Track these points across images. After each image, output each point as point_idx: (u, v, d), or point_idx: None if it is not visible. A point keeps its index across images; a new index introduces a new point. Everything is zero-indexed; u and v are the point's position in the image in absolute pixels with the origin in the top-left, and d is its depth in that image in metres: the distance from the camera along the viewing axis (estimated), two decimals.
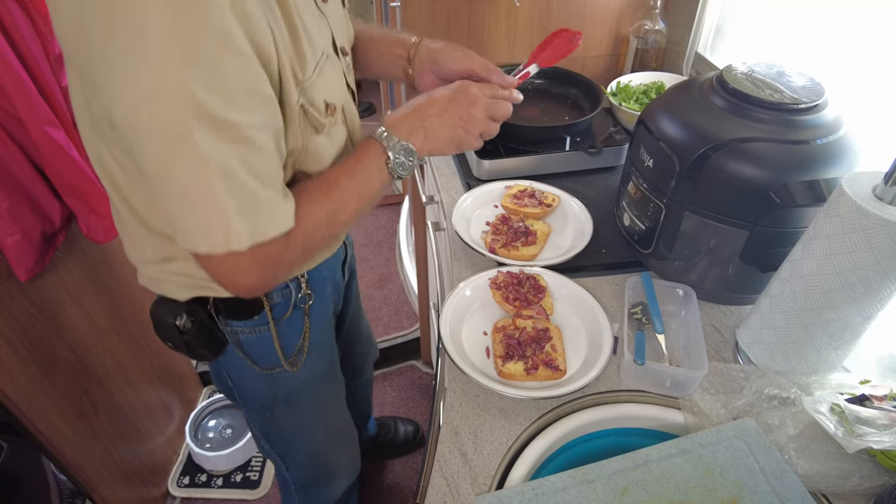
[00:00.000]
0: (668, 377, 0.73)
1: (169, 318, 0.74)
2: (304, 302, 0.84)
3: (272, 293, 0.80)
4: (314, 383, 0.96)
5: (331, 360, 1.00)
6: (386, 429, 1.72)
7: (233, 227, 0.54)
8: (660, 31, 1.30)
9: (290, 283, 0.80)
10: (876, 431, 0.60)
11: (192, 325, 0.75)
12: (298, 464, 1.08)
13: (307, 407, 0.98)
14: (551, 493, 0.61)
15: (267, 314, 0.80)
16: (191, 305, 0.75)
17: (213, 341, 0.79)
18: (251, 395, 0.92)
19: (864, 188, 0.60)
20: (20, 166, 0.97)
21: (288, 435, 1.01)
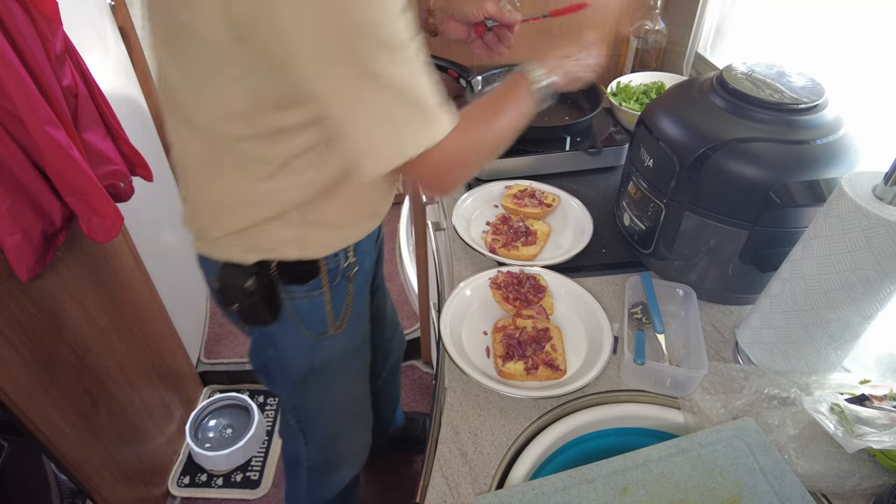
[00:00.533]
0: (668, 377, 0.73)
1: (239, 281, 0.79)
2: (349, 270, 0.89)
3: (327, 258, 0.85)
4: (347, 354, 1.00)
5: (364, 334, 1.04)
6: (414, 423, 1.74)
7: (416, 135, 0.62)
8: (660, 31, 1.30)
9: (339, 252, 0.85)
10: (876, 431, 0.60)
11: (257, 288, 0.80)
12: (316, 442, 1.12)
13: (338, 378, 1.02)
14: (551, 493, 0.61)
15: (322, 278, 0.85)
16: (257, 268, 0.80)
17: (273, 305, 0.85)
18: (293, 363, 0.96)
19: (864, 188, 0.60)
20: (21, 166, 0.97)
21: (314, 409, 1.06)
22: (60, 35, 1.02)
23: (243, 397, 1.82)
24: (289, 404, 1.06)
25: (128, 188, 1.23)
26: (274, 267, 0.81)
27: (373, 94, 0.59)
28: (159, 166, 1.75)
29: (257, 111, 0.66)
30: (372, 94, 0.59)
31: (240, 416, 1.81)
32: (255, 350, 1.00)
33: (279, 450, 1.80)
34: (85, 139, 1.10)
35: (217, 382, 1.98)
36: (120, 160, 1.20)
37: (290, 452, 1.19)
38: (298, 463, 1.17)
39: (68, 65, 1.05)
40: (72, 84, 1.05)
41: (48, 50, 0.98)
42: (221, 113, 0.67)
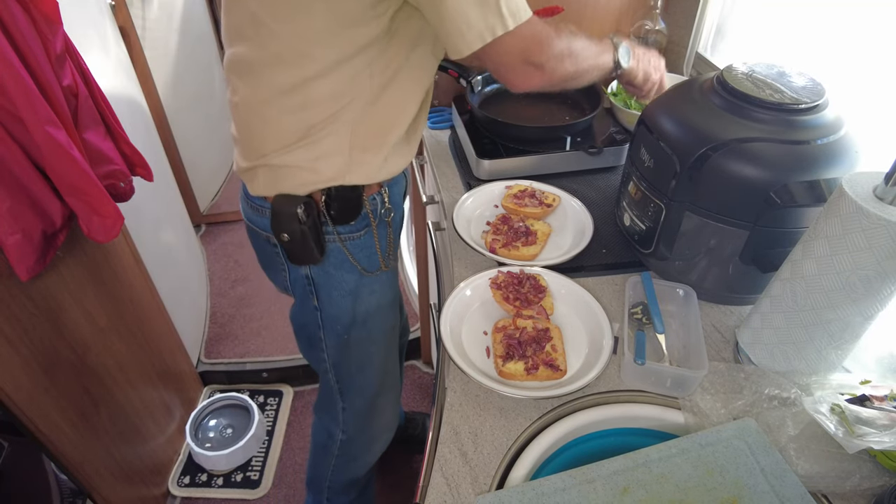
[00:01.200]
0: (669, 377, 0.73)
1: (291, 208, 0.83)
2: (387, 215, 0.96)
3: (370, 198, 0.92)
4: (385, 308, 1.05)
5: (395, 290, 1.09)
6: (414, 423, 1.75)
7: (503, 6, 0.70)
8: (660, 32, 1.30)
9: (376, 196, 0.92)
10: (876, 432, 0.60)
11: (307, 218, 0.85)
12: (355, 408, 1.15)
13: (377, 333, 1.07)
14: (551, 493, 0.61)
15: (368, 214, 0.92)
16: (308, 199, 0.85)
17: (320, 242, 0.90)
18: (335, 313, 1.00)
19: (865, 188, 0.60)
20: (21, 166, 0.98)
21: (355, 366, 1.09)
22: (61, 35, 1.02)
23: (243, 397, 1.82)
24: (330, 361, 1.08)
25: (128, 188, 1.23)
26: (323, 201, 0.87)
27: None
28: (159, 166, 1.75)
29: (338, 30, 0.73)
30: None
31: (240, 416, 1.81)
32: (298, 307, 1.03)
33: (279, 450, 1.80)
34: (85, 139, 1.10)
35: (217, 382, 1.98)
36: (120, 160, 1.20)
37: (324, 426, 1.22)
38: (331, 437, 1.20)
39: (68, 64, 1.05)
40: (72, 84, 1.05)
41: (48, 50, 0.98)
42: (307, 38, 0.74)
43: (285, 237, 0.86)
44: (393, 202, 0.96)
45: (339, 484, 1.27)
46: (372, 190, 0.91)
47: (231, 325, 2.14)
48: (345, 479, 1.27)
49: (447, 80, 1.27)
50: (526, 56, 0.76)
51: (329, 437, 1.20)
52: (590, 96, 1.24)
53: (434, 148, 1.28)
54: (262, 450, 1.79)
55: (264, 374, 1.98)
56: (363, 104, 0.80)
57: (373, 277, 0.98)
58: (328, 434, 1.20)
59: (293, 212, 0.83)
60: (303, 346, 1.12)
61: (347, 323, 1.01)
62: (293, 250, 0.89)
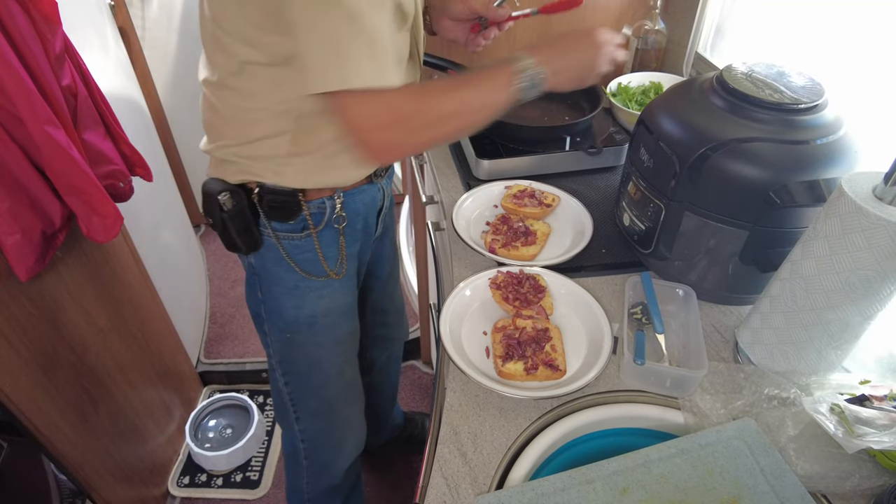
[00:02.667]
0: (668, 377, 0.73)
1: (215, 190, 0.83)
2: (338, 222, 0.91)
3: (309, 203, 0.87)
4: (336, 314, 1.01)
5: (352, 298, 1.04)
6: (414, 423, 1.74)
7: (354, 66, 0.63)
8: (660, 32, 1.30)
9: (326, 199, 0.88)
10: (876, 431, 0.60)
11: (232, 206, 0.83)
12: (309, 410, 1.10)
13: (327, 338, 1.02)
14: (551, 493, 0.61)
15: (306, 217, 0.87)
16: (236, 189, 0.84)
17: (248, 234, 0.87)
18: (276, 309, 0.97)
19: (864, 188, 0.60)
20: (20, 166, 0.97)
21: (304, 369, 1.05)
22: (60, 35, 1.02)
23: (243, 397, 1.82)
24: (276, 358, 1.05)
25: (127, 188, 1.23)
26: (255, 193, 0.84)
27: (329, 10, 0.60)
28: (159, 166, 1.75)
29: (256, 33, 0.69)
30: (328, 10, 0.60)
31: (240, 416, 1.81)
32: (248, 293, 1.01)
33: (279, 450, 1.80)
34: (84, 139, 1.10)
35: (217, 382, 1.98)
36: (119, 160, 1.20)
37: (287, 437, 1.17)
38: (296, 448, 1.15)
39: (68, 65, 1.05)
40: (71, 84, 1.05)
41: (48, 50, 0.98)
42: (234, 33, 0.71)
43: (209, 221, 0.86)
44: (351, 210, 0.92)
45: (319, 492, 1.23)
46: (319, 194, 0.87)
47: (231, 325, 2.14)
48: (323, 488, 1.22)
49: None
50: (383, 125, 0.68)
51: (293, 448, 1.16)
52: (589, 96, 1.24)
53: (433, 148, 1.28)
54: (262, 450, 1.79)
55: (264, 374, 1.98)
56: (301, 110, 0.77)
57: (319, 281, 0.95)
58: (292, 444, 1.16)
59: (215, 197, 0.83)
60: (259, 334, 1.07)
61: (290, 321, 0.98)
62: (220, 236, 0.88)
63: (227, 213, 0.84)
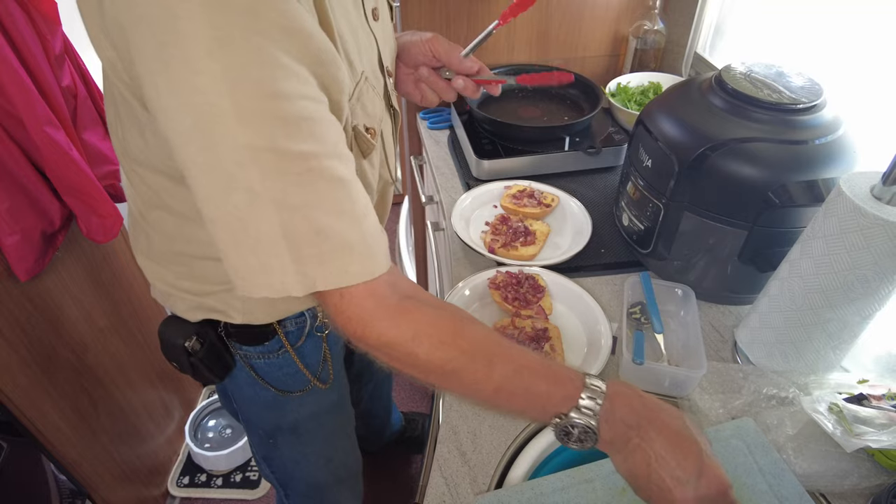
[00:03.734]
0: (667, 377, 0.73)
1: (178, 339, 0.71)
2: (321, 330, 0.81)
3: (285, 320, 0.76)
4: (321, 413, 0.93)
5: (340, 393, 0.96)
6: (413, 424, 1.73)
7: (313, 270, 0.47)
8: (659, 32, 1.30)
9: (306, 311, 0.78)
10: (874, 431, 0.61)
11: (200, 347, 0.72)
12: (299, 492, 1.05)
13: (312, 437, 0.95)
14: (550, 493, 0.61)
15: (281, 339, 0.77)
16: (201, 327, 0.73)
17: (221, 364, 0.77)
18: (255, 421, 0.90)
19: (863, 188, 0.60)
20: (20, 166, 0.98)
21: (290, 464, 0.98)
22: (60, 35, 1.02)
23: None
24: (260, 456, 0.98)
25: None
26: (221, 327, 0.74)
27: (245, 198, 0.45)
28: None
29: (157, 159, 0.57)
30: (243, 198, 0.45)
31: None
32: (221, 396, 0.94)
33: None
34: (84, 139, 1.10)
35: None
36: None
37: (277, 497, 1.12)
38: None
39: (67, 65, 1.05)
40: (71, 84, 1.05)
41: (47, 50, 0.98)
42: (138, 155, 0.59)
43: (174, 365, 0.76)
44: None
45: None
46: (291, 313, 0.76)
47: None
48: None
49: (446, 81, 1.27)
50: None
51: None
52: (589, 96, 1.24)
53: (433, 148, 1.28)
54: None
55: None
56: None
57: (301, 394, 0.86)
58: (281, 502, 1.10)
59: (180, 345, 0.71)
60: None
61: (271, 430, 0.91)
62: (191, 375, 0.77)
63: (197, 355, 0.73)
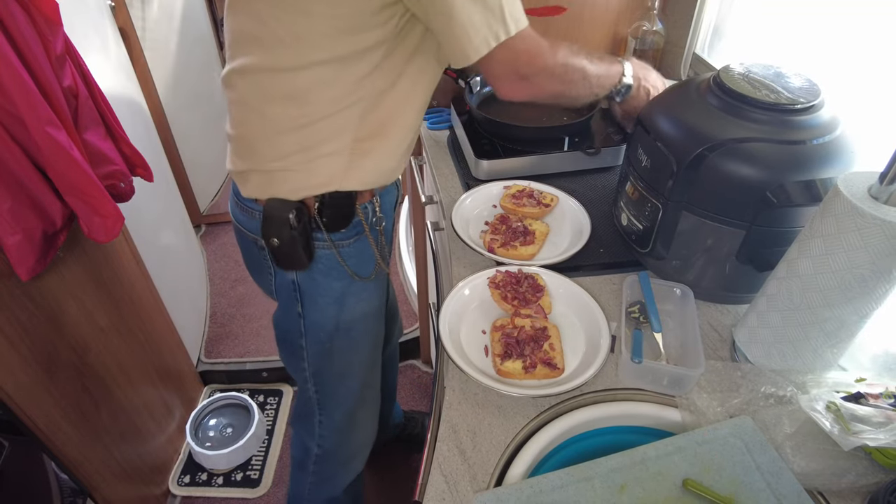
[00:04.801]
0: (666, 375, 0.74)
1: (283, 213, 0.83)
2: (378, 224, 0.97)
3: (363, 206, 0.91)
4: (370, 317, 1.05)
5: (381, 299, 1.07)
6: (413, 422, 1.75)
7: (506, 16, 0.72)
8: (658, 32, 1.30)
9: (368, 203, 0.92)
10: (871, 429, 0.61)
11: (298, 223, 0.84)
12: (333, 421, 1.13)
13: (361, 342, 1.06)
14: (549, 491, 0.61)
15: (361, 221, 0.92)
16: (300, 206, 0.85)
17: (309, 248, 0.89)
18: (319, 321, 0.99)
19: (860, 188, 0.61)
20: (21, 166, 0.98)
21: (336, 379, 1.08)
22: (61, 36, 1.02)
23: (243, 397, 1.83)
24: (311, 370, 1.06)
25: (128, 188, 1.24)
26: (315, 208, 0.86)
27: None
28: (159, 167, 1.76)
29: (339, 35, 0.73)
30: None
31: (240, 416, 1.82)
32: (281, 313, 1.02)
33: (279, 449, 1.80)
34: (85, 139, 1.10)
35: (217, 382, 1.99)
36: (120, 160, 1.20)
37: (301, 440, 1.19)
38: (307, 453, 1.18)
39: (69, 65, 1.06)
40: (72, 84, 1.06)
41: (49, 50, 0.99)
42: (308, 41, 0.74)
43: (275, 242, 0.85)
44: (384, 211, 0.96)
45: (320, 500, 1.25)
46: (364, 198, 0.91)
47: (231, 325, 2.15)
48: (324, 498, 1.24)
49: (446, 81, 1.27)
50: (516, 67, 0.78)
51: (305, 453, 1.19)
52: None
53: (433, 148, 1.28)
54: (262, 449, 1.80)
55: (264, 374, 1.98)
56: (363, 110, 0.80)
57: (361, 284, 0.98)
58: (304, 449, 1.18)
59: (285, 217, 0.83)
60: (284, 353, 1.09)
61: (331, 330, 1.00)
62: (282, 255, 0.88)
63: (296, 230, 0.84)
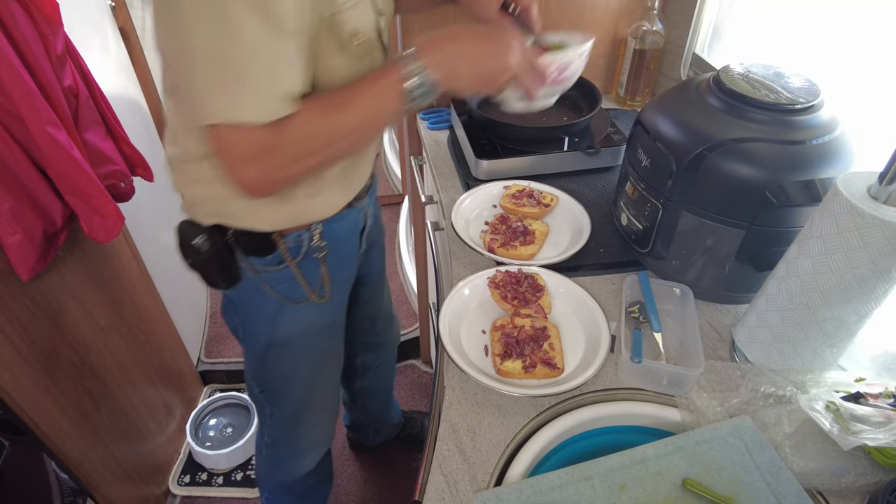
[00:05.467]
0: (665, 375, 0.74)
1: (189, 237, 0.81)
2: (316, 252, 0.90)
3: (286, 237, 0.85)
4: (311, 334, 1.01)
5: (333, 319, 1.05)
6: (413, 423, 1.75)
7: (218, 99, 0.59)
8: (657, 33, 1.30)
9: (303, 231, 0.86)
10: (871, 429, 0.61)
11: (208, 248, 0.82)
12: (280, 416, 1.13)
13: (301, 354, 1.03)
14: (549, 490, 0.62)
15: (282, 253, 0.86)
16: (211, 231, 0.82)
17: (227, 271, 0.86)
18: (254, 333, 0.98)
19: (859, 188, 0.61)
20: (22, 166, 0.98)
21: (279, 380, 1.06)
22: (61, 36, 1.02)
23: (243, 396, 1.83)
24: (250, 373, 1.08)
25: (128, 188, 1.24)
26: (230, 234, 0.83)
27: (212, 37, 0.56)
28: (159, 166, 1.75)
29: None
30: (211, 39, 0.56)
31: (240, 415, 1.82)
32: (224, 314, 1.02)
33: None
34: (86, 139, 1.10)
35: (217, 382, 1.99)
36: (120, 160, 1.21)
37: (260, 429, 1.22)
38: (262, 438, 1.20)
39: (69, 65, 1.06)
40: (72, 84, 1.06)
41: (49, 50, 0.99)
42: None
43: (189, 262, 0.85)
44: (332, 237, 0.90)
45: (274, 485, 1.29)
46: (295, 228, 0.86)
47: None
48: (278, 482, 1.27)
49: None
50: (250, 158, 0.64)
51: (260, 437, 1.22)
52: (588, 97, 1.25)
53: (433, 148, 1.29)
54: None
55: None
56: None
57: (300, 306, 0.95)
58: (260, 433, 1.21)
59: (191, 242, 0.81)
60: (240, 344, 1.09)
61: (265, 344, 0.99)
62: (199, 275, 0.87)
63: (203, 255, 0.82)
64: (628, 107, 1.40)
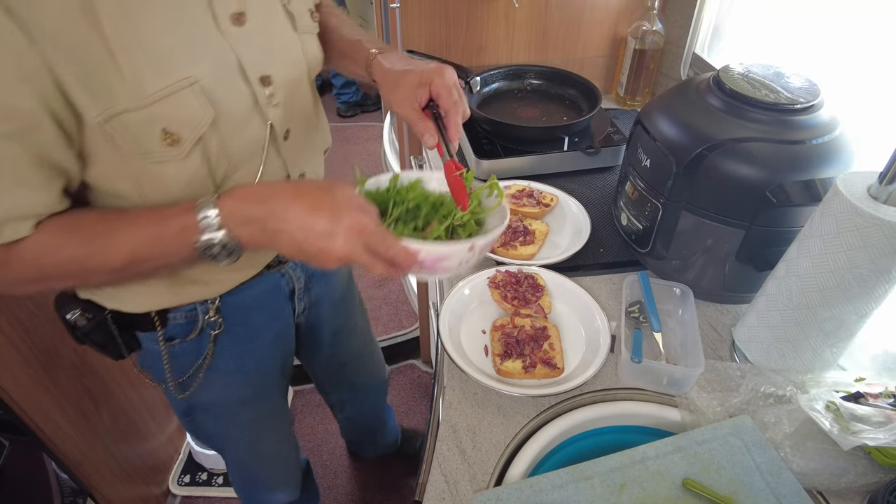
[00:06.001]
0: (665, 375, 0.74)
1: (62, 311, 0.73)
2: (212, 328, 0.80)
3: (175, 311, 0.76)
4: (231, 404, 0.93)
5: (256, 388, 0.94)
6: (411, 442, 1.72)
7: None
8: (657, 32, 1.30)
9: (199, 305, 0.76)
10: (871, 428, 0.61)
11: (86, 323, 0.73)
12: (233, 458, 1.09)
13: (226, 422, 0.96)
14: (549, 490, 0.62)
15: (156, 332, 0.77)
16: (88, 305, 0.73)
17: (112, 344, 0.77)
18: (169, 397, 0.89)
19: (859, 188, 0.61)
20: None
21: (215, 437, 1.01)
22: None
23: None
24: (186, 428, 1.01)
25: None
26: (108, 311, 0.74)
27: None
28: None
29: None
30: None
31: None
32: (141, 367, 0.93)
33: None
34: None
35: None
36: None
37: None
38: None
39: None
40: None
41: None
42: None
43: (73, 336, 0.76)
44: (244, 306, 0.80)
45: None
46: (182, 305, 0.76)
47: None
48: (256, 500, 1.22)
49: None
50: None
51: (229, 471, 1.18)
52: (588, 97, 1.25)
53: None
54: None
55: None
56: None
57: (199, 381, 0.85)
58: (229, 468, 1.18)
59: (63, 316, 0.73)
60: None
61: (185, 408, 0.91)
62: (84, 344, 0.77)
63: (81, 330, 0.73)
64: (628, 107, 1.40)
